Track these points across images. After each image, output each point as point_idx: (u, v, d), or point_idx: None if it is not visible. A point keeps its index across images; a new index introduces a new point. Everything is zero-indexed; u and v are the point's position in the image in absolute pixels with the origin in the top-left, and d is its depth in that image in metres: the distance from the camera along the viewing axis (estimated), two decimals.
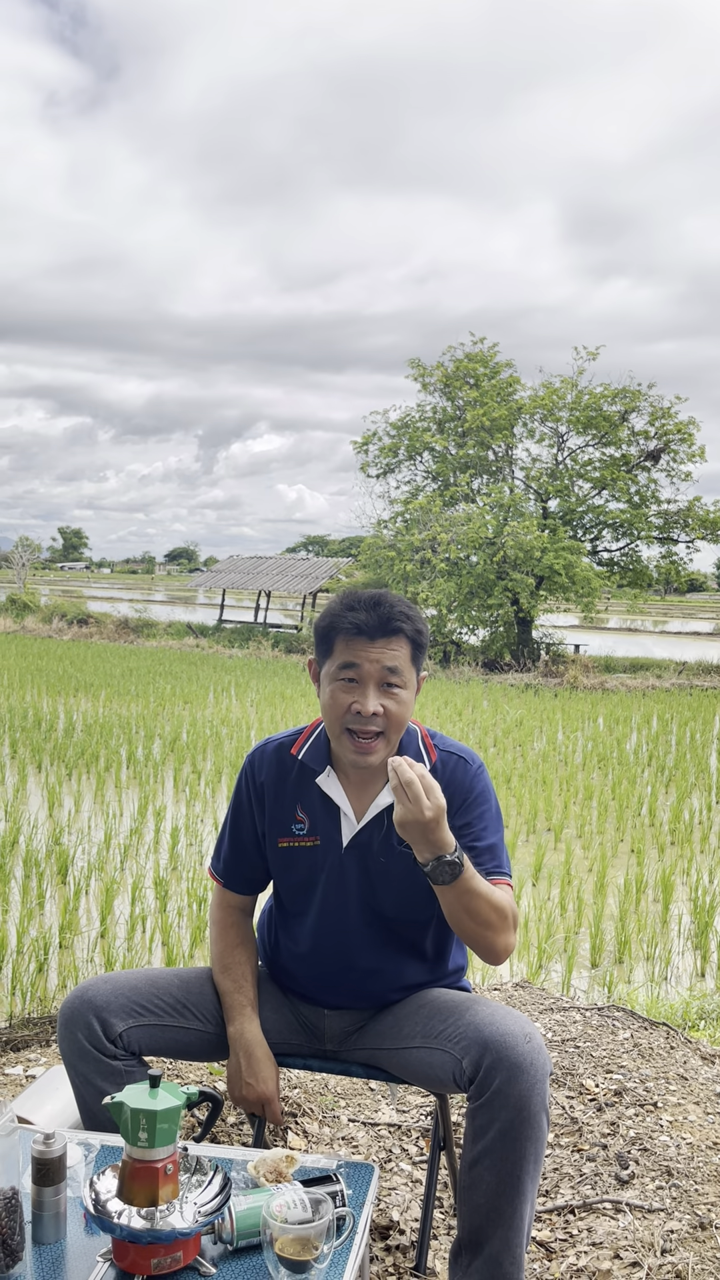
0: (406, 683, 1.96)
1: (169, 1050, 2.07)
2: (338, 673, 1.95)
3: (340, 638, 1.95)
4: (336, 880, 2.06)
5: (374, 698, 1.93)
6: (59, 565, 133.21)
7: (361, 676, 1.93)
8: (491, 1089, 1.78)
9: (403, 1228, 2.32)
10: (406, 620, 1.96)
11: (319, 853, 2.07)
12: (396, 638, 1.94)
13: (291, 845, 2.10)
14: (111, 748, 9.80)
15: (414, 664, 1.98)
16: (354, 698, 1.93)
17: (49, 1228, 1.58)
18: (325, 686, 1.99)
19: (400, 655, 1.95)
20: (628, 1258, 2.15)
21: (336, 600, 2.02)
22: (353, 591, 2.01)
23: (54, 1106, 2.37)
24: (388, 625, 1.93)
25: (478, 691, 17.70)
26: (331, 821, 2.07)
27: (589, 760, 10.49)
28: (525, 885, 6.03)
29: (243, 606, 37.86)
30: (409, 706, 1.97)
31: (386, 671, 1.93)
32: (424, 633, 2.00)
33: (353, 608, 1.96)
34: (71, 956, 4.56)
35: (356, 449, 27.84)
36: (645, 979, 4.65)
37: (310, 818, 2.08)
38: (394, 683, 1.94)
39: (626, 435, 25.12)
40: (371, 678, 1.93)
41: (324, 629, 2.00)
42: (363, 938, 2.08)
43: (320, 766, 2.07)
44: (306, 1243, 1.50)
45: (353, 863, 2.05)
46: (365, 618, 1.93)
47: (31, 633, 28.27)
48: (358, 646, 1.93)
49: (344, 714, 1.94)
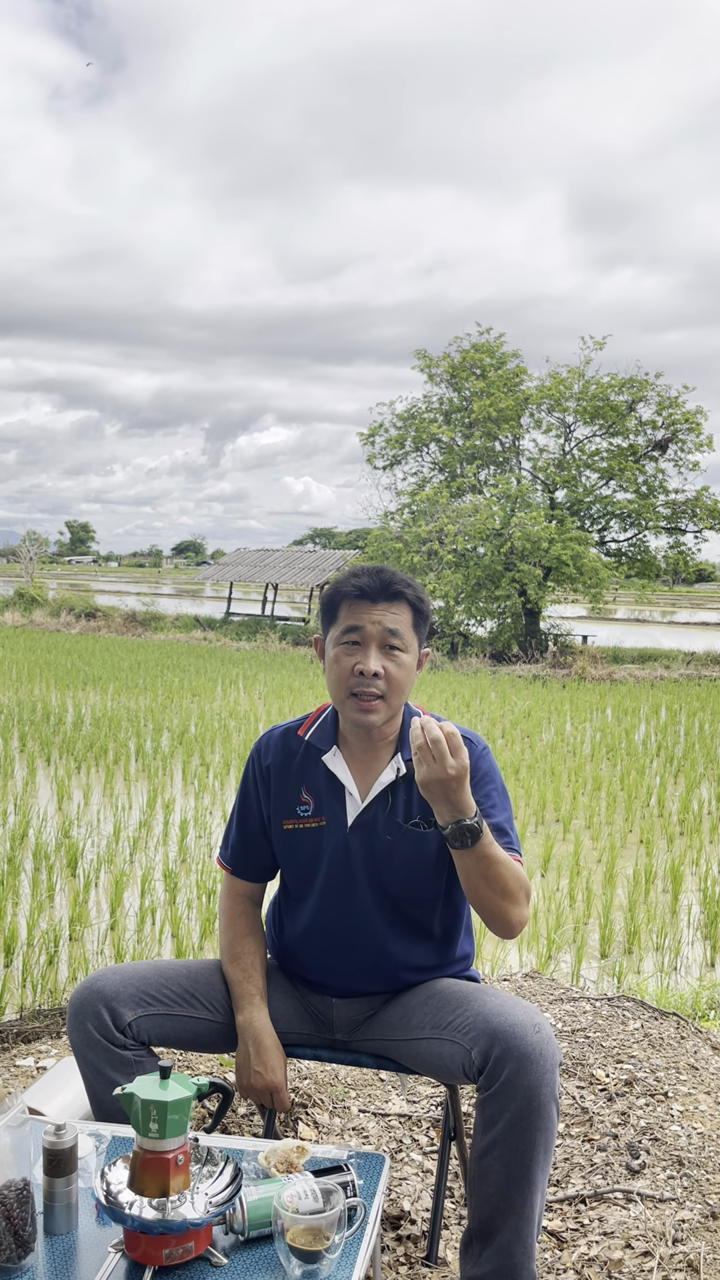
0: (407, 646, 2.01)
1: (178, 1040, 2.07)
2: (341, 636, 2.01)
3: (344, 603, 2.02)
4: (341, 860, 2.08)
5: (376, 658, 1.97)
6: (66, 559, 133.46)
7: (364, 638, 1.98)
8: (501, 1079, 1.78)
9: (414, 1217, 2.32)
10: (408, 586, 2.02)
11: (324, 833, 2.09)
12: (398, 601, 2.00)
13: (296, 827, 2.12)
14: (120, 741, 9.81)
15: (415, 631, 2.04)
16: (356, 659, 1.98)
17: (61, 1218, 1.59)
18: (330, 652, 2.04)
19: (401, 619, 2.00)
20: (639, 1247, 2.15)
21: (342, 573, 2.08)
22: (356, 565, 2.07)
23: (65, 1098, 2.37)
24: (389, 589, 2.00)
25: (485, 683, 17.69)
26: (336, 801, 2.09)
27: (597, 751, 10.48)
28: (534, 876, 6.03)
29: (250, 599, 37.89)
30: (410, 672, 2.02)
31: (388, 633, 1.98)
32: (425, 602, 2.06)
33: (356, 575, 2.03)
34: (81, 949, 4.57)
35: (363, 441, 27.81)
36: (655, 969, 4.65)
37: (315, 798, 2.10)
38: (395, 645, 1.99)
39: (634, 425, 25.03)
40: (373, 639, 1.98)
41: (329, 597, 2.06)
42: (369, 917, 2.09)
43: (326, 745, 2.11)
44: (318, 1233, 1.50)
45: (358, 841, 2.07)
46: (367, 582, 2.00)
47: (39, 626, 28.33)
48: (360, 609, 1.99)
49: (347, 676, 1.99)
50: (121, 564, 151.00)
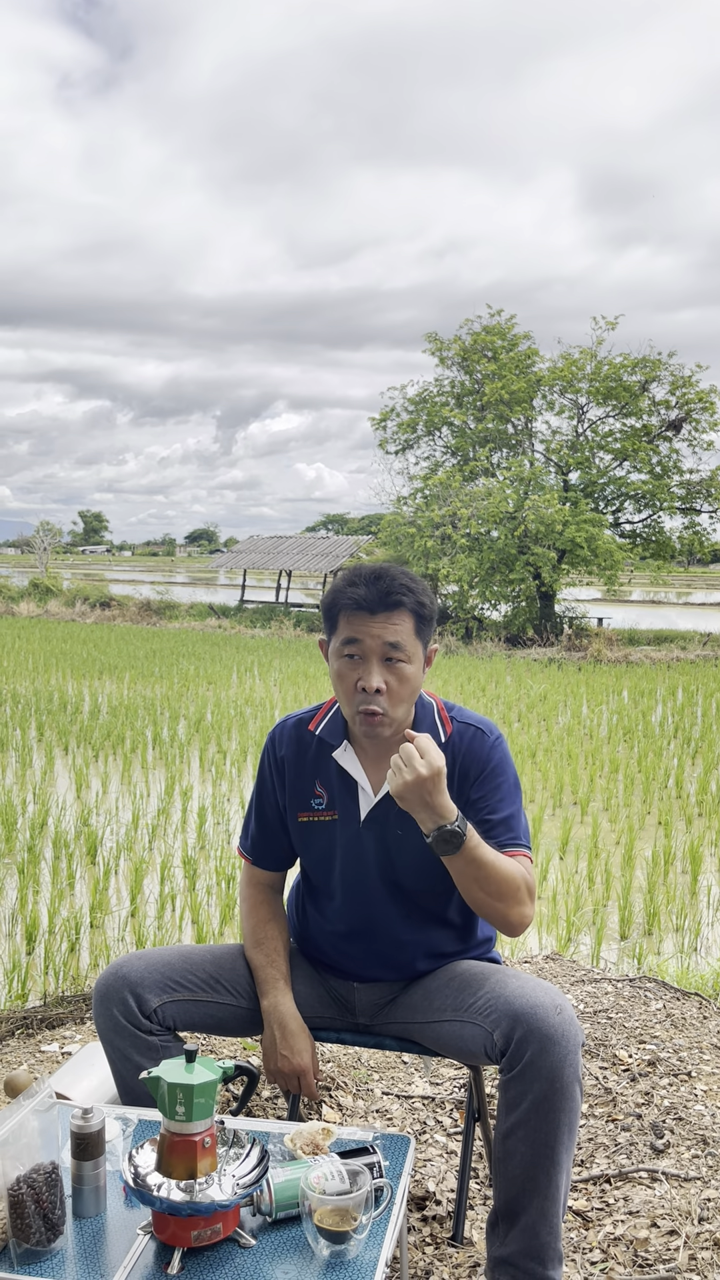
0: (410, 656, 1.95)
1: (203, 1025, 2.08)
2: (341, 649, 1.96)
3: (343, 614, 1.96)
4: (355, 854, 2.07)
5: (377, 673, 1.93)
6: (80, 549, 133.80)
7: (364, 652, 1.93)
8: (524, 1061, 1.78)
9: (439, 1198, 2.33)
10: (408, 593, 1.94)
11: (337, 827, 2.09)
12: (397, 611, 1.93)
13: (311, 820, 2.12)
14: (137, 729, 9.85)
15: (419, 637, 1.97)
16: (358, 674, 1.94)
17: (89, 1201, 1.60)
18: (333, 663, 2.00)
19: (402, 629, 1.94)
20: (665, 1226, 2.15)
21: (340, 577, 2.02)
22: (357, 567, 2.01)
23: (91, 1082, 2.39)
24: (387, 599, 1.92)
25: (501, 667, 17.66)
26: (349, 795, 2.08)
27: (614, 733, 10.45)
28: (553, 859, 6.03)
29: (264, 586, 37.91)
30: (414, 680, 1.97)
31: (388, 647, 1.92)
32: (427, 605, 1.99)
33: (354, 583, 1.95)
34: (103, 936, 4.60)
35: (375, 426, 27.73)
36: (675, 950, 4.64)
37: (329, 792, 2.10)
38: (396, 657, 1.93)
39: (647, 405, 24.86)
40: (374, 653, 1.93)
41: (328, 605, 2.01)
42: (385, 910, 2.09)
43: (337, 741, 2.09)
44: (345, 1213, 1.51)
45: (370, 836, 2.06)
46: (365, 593, 1.93)
47: (55, 616, 28.43)
48: (359, 622, 1.93)
49: (353, 692, 1.95)
50: (135, 553, 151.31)
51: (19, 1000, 3.74)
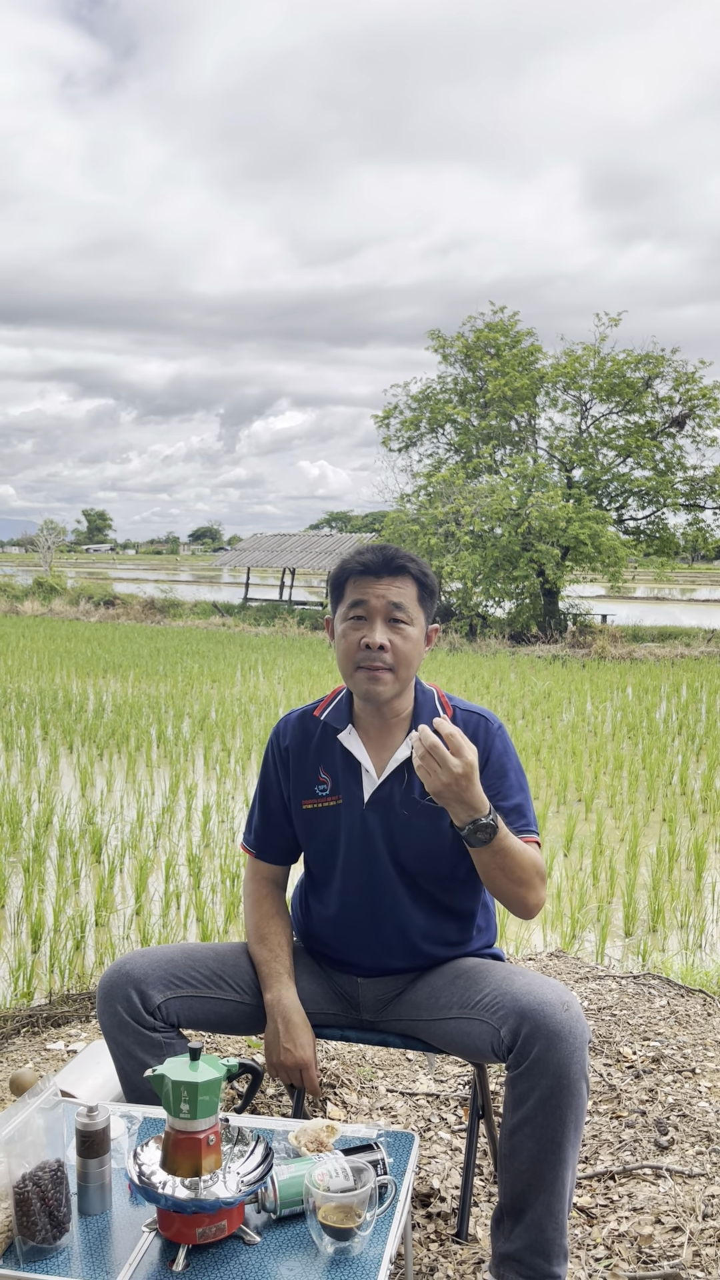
0: (413, 619, 2.02)
1: (206, 1022, 2.09)
2: (348, 612, 2.03)
3: (350, 580, 2.04)
4: (360, 837, 2.09)
5: (381, 630, 1.99)
6: (84, 548, 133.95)
7: (369, 612, 2.00)
8: (531, 1057, 1.78)
9: (443, 1195, 2.33)
10: (411, 561, 2.04)
11: (341, 811, 2.11)
12: (402, 576, 2.02)
13: (315, 806, 2.14)
14: (141, 727, 9.86)
15: (421, 605, 2.05)
16: (362, 632, 2.00)
17: (94, 1199, 1.60)
18: (338, 628, 2.06)
19: (406, 593, 2.02)
20: (669, 1222, 2.16)
21: (348, 552, 2.10)
22: (361, 545, 2.10)
23: (96, 1080, 2.40)
24: (393, 564, 2.02)
25: (505, 664, 17.65)
26: (353, 778, 2.10)
27: (618, 730, 10.45)
28: (557, 856, 6.03)
29: (267, 584, 37.93)
30: (417, 644, 2.03)
31: (392, 607, 2.00)
32: (430, 577, 2.07)
33: (361, 552, 2.06)
34: (108, 934, 4.60)
35: (378, 423, 27.71)
36: (680, 947, 4.64)
37: (332, 778, 2.12)
38: (400, 618, 2.00)
39: (650, 401, 24.82)
40: (379, 612, 2.00)
41: (335, 576, 2.09)
42: (390, 893, 2.10)
43: (342, 725, 2.13)
44: (350, 1210, 1.51)
45: (375, 818, 2.08)
46: (371, 558, 2.03)
47: (59, 615, 28.46)
48: (365, 584, 2.02)
49: (355, 650, 2.01)
50: (139, 551, 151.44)
51: (25, 998, 3.75)
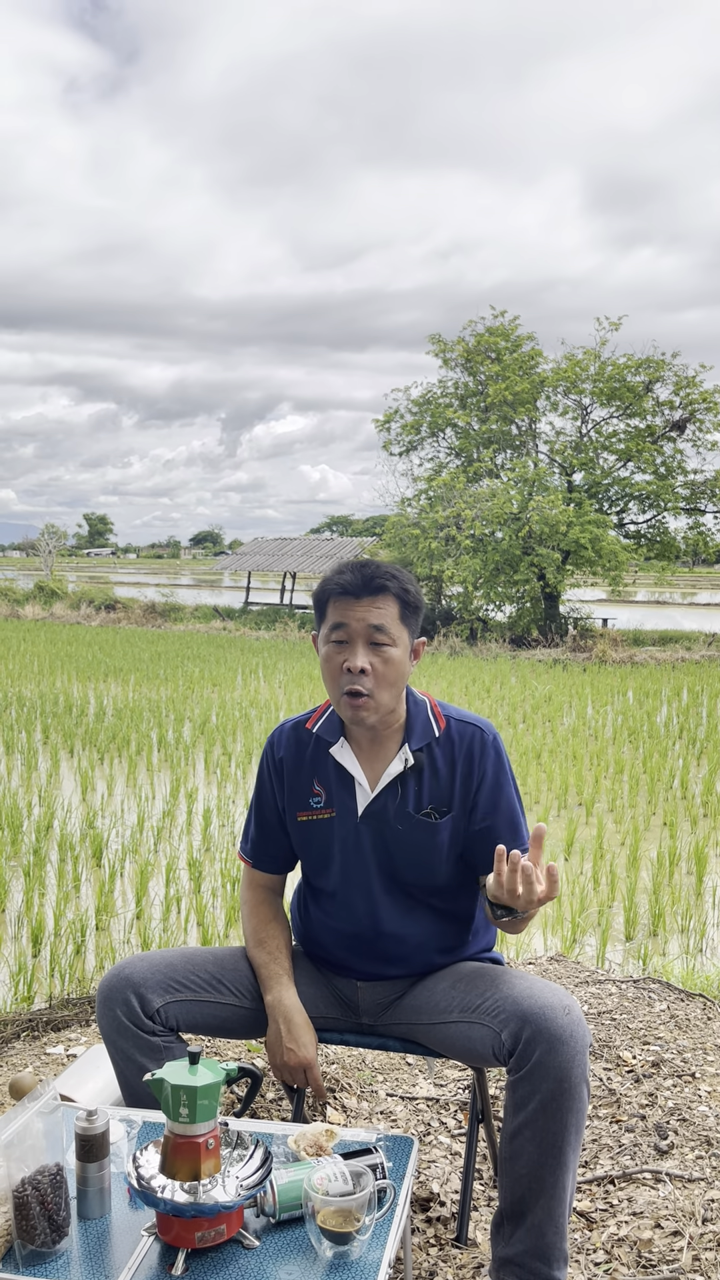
0: (395, 640, 1.98)
1: (206, 1026, 2.09)
2: (329, 634, 2.00)
3: (330, 601, 2.01)
4: (354, 850, 2.09)
5: (362, 654, 1.96)
6: (85, 552, 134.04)
7: (350, 635, 1.97)
8: (532, 1061, 1.78)
9: (443, 1199, 2.33)
10: (392, 579, 1.99)
11: (335, 823, 2.11)
12: (382, 595, 1.97)
13: (310, 818, 2.14)
14: (142, 731, 9.86)
15: (404, 623, 2.01)
16: (344, 656, 1.98)
17: (94, 1203, 1.61)
18: (321, 650, 2.04)
19: (387, 613, 1.97)
20: (669, 1227, 2.15)
21: (328, 569, 2.08)
22: (344, 560, 2.07)
23: (95, 1085, 2.40)
24: (372, 584, 1.97)
25: (505, 668, 17.65)
26: (346, 792, 2.10)
27: (619, 734, 10.45)
28: (557, 860, 6.03)
29: (268, 588, 37.94)
30: (400, 666, 1.99)
31: (373, 630, 1.96)
32: (412, 593, 2.02)
33: (340, 571, 2.02)
34: (108, 938, 4.60)
35: (379, 427, 27.73)
36: (680, 951, 4.64)
37: (326, 790, 2.12)
38: (381, 640, 1.97)
39: (651, 406, 24.84)
40: (359, 635, 1.97)
41: (317, 596, 2.06)
42: (384, 904, 2.10)
43: (334, 738, 2.11)
44: (348, 1214, 1.51)
45: (368, 831, 2.08)
46: (350, 578, 1.98)
47: (60, 619, 28.47)
48: (344, 606, 1.98)
49: (338, 674, 1.99)
50: (140, 555, 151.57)
51: (24, 1003, 3.75)
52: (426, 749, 2.07)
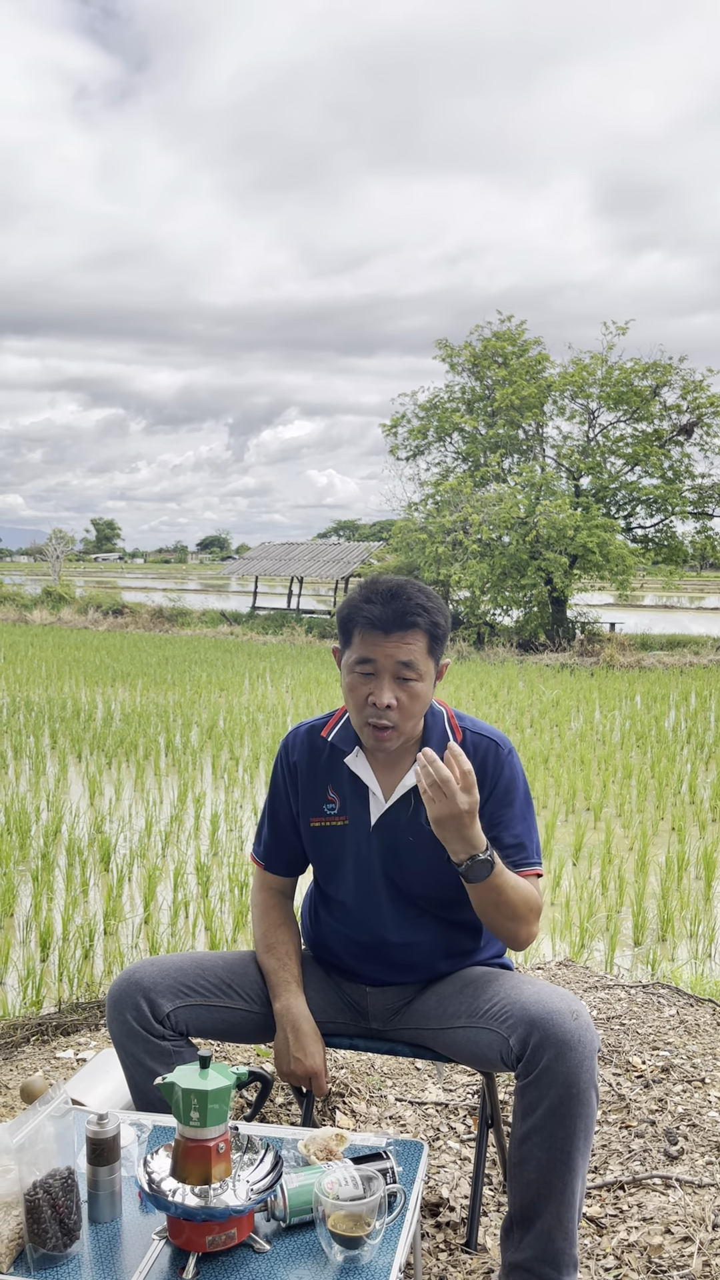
0: (422, 675, 1.97)
1: (215, 1031, 2.09)
2: (355, 665, 1.98)
3: (357, 631, 1.97)
4: (366, 859, 2.09)
5: (389, 690, 1.94)
6: (93, 557, 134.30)
7: (377, 670, 1.95)
8: (540, 1066, 1.78)
9: (452, 1204, 2.33)
10: (423, 613, 1.95)
11: (348, 832, 2.11)
12: (412, 631, 1.94)
13: (323, 825, 2.14)
14: (150, 736, 9.87)
15: (431, 655, 1.99)
16: (369, 689, 1.96)
17: (105, 1207, 1.61)
18: (345, 676, 2.02)
19: (416, 649, 1.95)
20: (679, 1233, 2.15)
21: (357, 590, 2.03)
22: (374, 581, 2.01)
23: (105, 1089, 2.40)
24: (404, 620, 1.94)
25: (513, 672, 17.63)
26: (360, 801, 2.10)
27: (627, 739, 10.43)
28: (565, 865, 6.02)
29: (275, 593, 37.94)
30: (424, 698, 1.99)
31: (401, 666, 1.94)
32: (441, 625, 2.00)
33: (370, 600, 1.96)
34: (116, 943, 4.61)
35: (385, 432, 27.73)
36: (689, 956, 4.63)
37: (340, 797, 2.12)
38: (408, 676, 1.95)
39: (658, 410, 24.81)
40: (386, 671, 1.95)
41: (343, 619, 2.02)
42: (394, 914, 2.10)
43: (349, 747, 2.10)
44: (359, 1219, 1.51)
45: (380, 841, 2.08)
46: (380, 612, 1.94)
47: (68, 624, 28.53)
48: (373, 640, 1.95)
49: (363, 705, 1.98)
50: (147, 560, 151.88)
51: (34, 1007, 3.76)
52: None
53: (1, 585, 36.00)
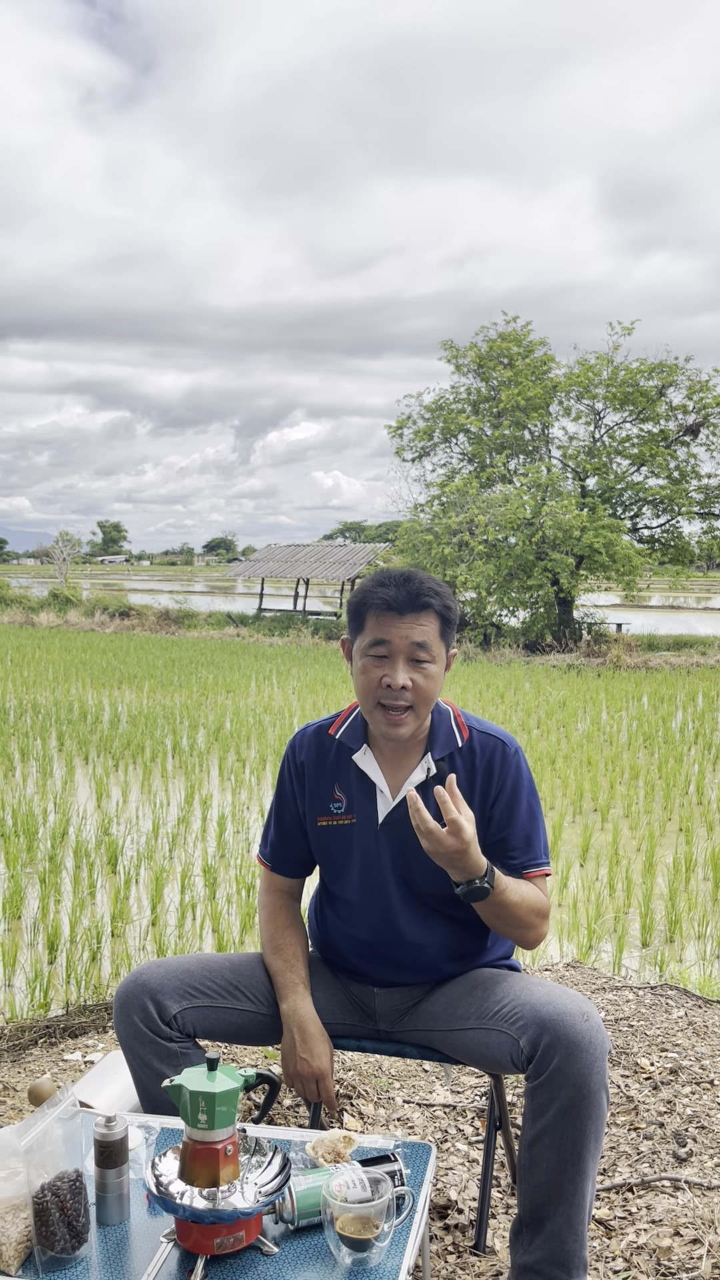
0: (435, 657, 1.99)
1: (222, 1032, 2.09)
2: (368, 648, 1.99)
3: (371, 613, 1.99)
4: (373, 857, 2.09)
5: (403, 672, 1.96)
6: (99, 559, 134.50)
7: (391, 651, 1.97)
8: (551, 1068, 1.78)
9: (461, 1207, 2.33)
10: (435, 596, 1.99)
11: (356, 830, 2.11)
12: (425, 613, 1.97)
13: (330, 824, 2.14)
14: (157, 738, 9.88)
15: (443, 639, 2.01)
16: (384, 671, 1.97)
17: (113, 1209, 1.61)
18: (357, 661, 2.03)
19: (429, 630, 1.98)
20: (688, 1235, 2.14)
21: (369, 578, 2.05)
22: (385, 569, 2.04)
23: (113, 1091, 2.40)
24: (417, 601, 1.96)
25: (519, 673, 17.62)
26: (368, 799, 2.10)
27: (634, 740, 10.41)
28: (573, 866, 6.01)
29: (281, 595, 37.95)
30: (437, 681, 2.01)
31: (415, 647, 1.96)
32: (452, 609, 2.03)
33: (383, 584, 2.00)
34: (124, 945, 4.61)
35: (391, 433, 27.75)
36: (697, 958, 4.62)
37: (347, 796, 2.12)
38: (422, 658, 1.97)
39: (664, 410, 24.78)
40: (401, 652, 1.96)
41: (356, 605, 2.04)
42: (402, 913, 2.10)
43: (357, 745, 2.11)
44: (367, 1221, 1.51)
45: (388, 839, 2.08)
46: (395, 594, 1.97)
47: (74, 626, 28.57)
48: (387, 622, 1.97)
49: (375, 688, 1.98)
50: (154, 562, 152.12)
51: (42, 1009, 3.76)
52: (449, 759, 2.07)
53: (8, 588, 36.06)
